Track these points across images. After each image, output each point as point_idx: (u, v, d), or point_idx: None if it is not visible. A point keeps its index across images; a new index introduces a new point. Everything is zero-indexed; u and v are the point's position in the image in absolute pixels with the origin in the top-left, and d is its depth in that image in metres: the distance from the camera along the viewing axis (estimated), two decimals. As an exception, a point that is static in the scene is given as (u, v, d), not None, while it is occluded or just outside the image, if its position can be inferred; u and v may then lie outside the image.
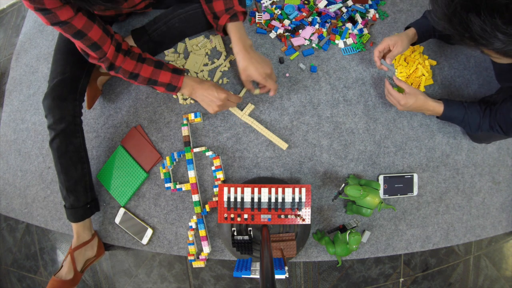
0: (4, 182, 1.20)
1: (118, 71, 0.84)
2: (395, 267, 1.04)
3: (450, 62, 1.08)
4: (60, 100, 0.87)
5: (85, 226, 0.97)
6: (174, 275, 1.05)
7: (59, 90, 0.88)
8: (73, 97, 0.90)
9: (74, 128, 0.91)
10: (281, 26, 1.07)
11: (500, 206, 1.07)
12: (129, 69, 0.84)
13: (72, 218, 0.95)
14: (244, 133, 1.03)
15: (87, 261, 0.97)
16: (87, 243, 0.97)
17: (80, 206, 0.94)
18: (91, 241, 0.99)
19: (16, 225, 1.22)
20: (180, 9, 0.98)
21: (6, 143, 1.22)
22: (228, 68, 1.06)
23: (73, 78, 0.90)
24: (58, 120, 0.87)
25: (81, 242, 0.96)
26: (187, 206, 1.02)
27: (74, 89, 0.90)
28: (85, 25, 0.72)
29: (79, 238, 0.96)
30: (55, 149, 0.89)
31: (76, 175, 0.92)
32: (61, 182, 0.92)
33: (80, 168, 0.93)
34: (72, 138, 0.90)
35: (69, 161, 0.91)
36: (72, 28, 0.71)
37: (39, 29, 1.29)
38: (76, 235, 0.96)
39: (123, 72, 0.84)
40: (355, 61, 1.07)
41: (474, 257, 1.09)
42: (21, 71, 1.27)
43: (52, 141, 0.89)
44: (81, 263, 0.95)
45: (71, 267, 0.92)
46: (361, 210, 0.90)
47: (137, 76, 0.86)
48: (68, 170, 0.91)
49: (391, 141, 1.03)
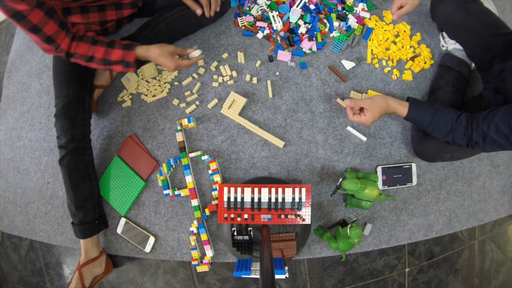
0: (5, 200, 1.20)
1: (75, 57, 0.85)
2: (400, 258, 1.04)
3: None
4: (71, 121, 0.92)
5: (93, 242, 0.98)
6: (179, 281, 1.06)
7: (68, 112, 0.92)
8: (82, 117, 0.95)
9: (84, 146, 0.95)
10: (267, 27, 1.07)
11: (501, 189, 1.07)
12: (83, 53, 0.85)
13: (81, 235, 0.96)
14: (239, 134, 1.03)
15: (95, 278, 0.98)
16: (95, 260, 0.98)
17: (89, 222, 0.96)
18: (99, 258, 0.99)
19: (19, 242, 1.22)
20: (165, 14, 0.98)
21: (4, 162, 1.22)
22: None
23: (78, 100, 0.94)
24: (70, 140, 0.92)
25: (89, 259, 0.96)
26: (187, 212, 1.02)
27: (82, 110, 0.95)
28: (41, 21, 0.74)
29: (87, 254, 0.97)
30: (65, 166, 0.93)
31: (85, 191, 0.95)
32: (70, 199, 0.94)
33: (89, 185, 0.96)
34: (81, 156, 0.95)
35: (79, 178, 0.94)
36: (29, 23, 0.73)
37: (28, 45, 1.30)
38: (84, 251, 0.97)
39: (79, 57, 0.85)
40: (344, 55, 1.07)
41: (478, 242, 1.09)
42: (13, 89, 1.27)
43: (62, 159, 0.92)
44: (89, 280, 0.95)
45: (79, 283, 0.92)
46: (360, 203, 0.90)
47: (92, 58, 0.86)
48: (78, 186, 0.94)
49: (386, 132, 1.03)
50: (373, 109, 0.85)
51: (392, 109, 0.86)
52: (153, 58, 0.89)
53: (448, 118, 0.79)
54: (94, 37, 0.86)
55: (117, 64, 0.88)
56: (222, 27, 1.10)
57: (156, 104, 1.07)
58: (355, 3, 1.10)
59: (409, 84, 1.06)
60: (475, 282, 1.08)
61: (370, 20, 1.08)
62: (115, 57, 0.87)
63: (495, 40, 0.81)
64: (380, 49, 1.06)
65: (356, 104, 0.88)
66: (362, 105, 0.87)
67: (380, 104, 0.85)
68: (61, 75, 0.95)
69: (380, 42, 1.06)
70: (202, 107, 1.05)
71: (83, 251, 0.97)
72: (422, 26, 1.10)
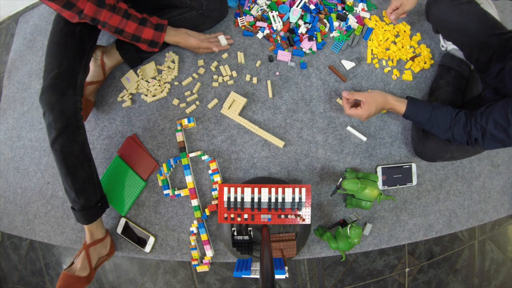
0: (5, 200, 1.20)
1: (104, 25, 0.85)
2: (400, 258, 1.04)
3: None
4: (59, 95, 0.81)
5: (98, 224, 0.94)
6: (179, 281, 1.06)
7: (58, 83, 0.82)
8: (72, 91, 0.84)
9: (76, 124, 0.84)
10: (267, 27, 1.07)
11: (501, 189, 1.07)
12: (114, 25, 0.85)
13: (84, 220, 0.90)
14: (239, 134, 1.03)
15: (99, 259, 0.95)
16: (101, 241, 0.95)
17: (91, 206, 0.90)
18: (105, 239, 0.97)
19: (19, 242, 1.22)
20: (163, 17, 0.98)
21: (4, 162, 1.22)
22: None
23: (71, 71, 0.85)
24: (58, 116, 0.80)
25: (95, 239, 0.93)
26: (187, 212, 1.02)
27: (74, 83, 0.85)
28: None
29: (93, 236, 0.93)
30: (58, 150, 0.82)
31: (84, 175, 0.87)
32: (68, 185, 0.86)
33: (87, 167, 0.88)
34: (76, 136, 0.84)
35: (76, 161, 0.85)
36: None
37: (28, 45, 1.30)
38: (89, 233, 0.92)
39: (109, 27, 0.86)
40: (344, 55, 1.07)
41: (478, 242, 1.09)
42: (13, 89, 1.27)
43: (54, 142, 0.82)
44: (95, 260, 0.92)
45: (86, 263, 0.88)
46: (360, 203, 0.90)
47: (122, 31, 0.87)
48: (76, 170, 0.85)
49: (386, 132, 1.03)
50: (369, 102, 0.85)
51: (390, 105, 0.86)
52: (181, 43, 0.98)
53: (447, 115, 0.79)
54: (127, 10, 0.87)
55: (145, 42, 0.91)
56: (222, 27, 1.10)
57: (156, 104, 1.07)
58: (355, 3, 1.10)
59: (409, 84, 1.06)
60: (475, 282, 1.08)
61: (370, 20, 1.08)
62: (145, 35, 0.89)
63: (491, 40, 0.80)
64: (380, 49, 1.06)
65: (353, 96, 0.89)
66: (359, 97, 0.87)
67: (377, 99, 0.85)
68: (56, 46, 0.87)
69: (380, 42, 1.06)
70: (202, 107, 1.05)
71: (88, 233, 0.92)
72: (422, 26, 1.10)
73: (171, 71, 1.07)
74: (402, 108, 0.84)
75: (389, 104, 0.85)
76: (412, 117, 0.85)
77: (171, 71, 1.07)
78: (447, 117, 0.79)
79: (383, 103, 0.85)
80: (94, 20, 0.83)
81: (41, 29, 1.29)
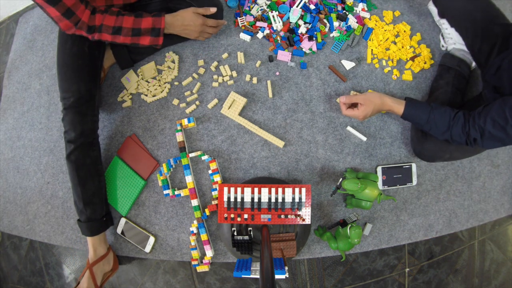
0: (5, 200, 1.20)
1: (100, 29, 0.84)
2: (400, 258, 1.04)
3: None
4: (81, 116, 0.91)
5: (101, 239, 0.97)
6: (179, 281, 1.06)
7: (78, 107, 0.91)
8: (92, 112, 0.94)
9: (92, 141, 0.95)
10: (267, 27, 1.07)
11: (501, 189, 1.07)
12: (110, 24, 0.84)
13: (89, 232, 0.94)
14: (239, 134, 1.03)
15: (104, 275, 0.96)
16: (104, 257, 0.97)
17: (97, 219, 0.95)
18: (108, 255, 0.98)
19: (19, 242, 1.22)
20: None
21: (4, 162, 1.22)
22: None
23: (89, 94, 0.93)
24: (79, 134, 0.90)
25: (98, 257, 0.95)
26: (187, 212, 1.02)
27: (92, 105, 0.94)
28: None
29: (96, 252, 0.95)
30: (73, 161, 0.91)
31: (93, 188, 0.94)
32: (78, 195, 0.93)
33: (97, 181, 0.95)
34: (90, 151, 0.94)
35: (87, 174, 0.93)
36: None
37: (28, 45, 1.30)
38: (93, 249, 0.95)
39: (106, 29, 0.85)
40: (344, 55, 1.07)
41: (478, 242, 1.09)
42: (13, 89, 1.27)
43: (70, 154, 0.91)
44: (100, 278, 0.94)
45: (91, 282, 0.91)
46: (360, 203, 0.90)
47: (120, 29, 0.86)
48: (86, 182, 0.93)
49: (386, 132, 1.03)
50: (366, 104, 0.86)
51: (387, 107, 0.86)
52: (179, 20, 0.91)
53: (445, 115, 0.79)
54: (120, 11, 0.87)
55: (147, 34, 0.88)
56: (222, 27, 1.10)
57: (156, 104, 1.07)
58: (355, 3, 1.10)
59: (409, 84, 1.06)
60: (475, 282, 1.08)
61: (370, 20, 1.08)
62: (145, 24, 0.87)
63: (495, 29, 0.80)
64: (380, 49, 1.06)
65: (350, 101, 0.89)
66: (357, 100, 0.88)
67: (374, 100, 0.85)
68: (70, 69, 0.92)
69: (380, 42, 1.06)
70: (202, 107, 1.05)
71: (91, 249, 0.95)
72: (422, 26, 1.10)
73: (171, 71, 1.08)
74: (400, 110, 0.84)
75: (387, 106, 0.86)
76: (410, 118, 0.85)
77: (171, 71, 1.08)
78: (445, 118, 0.79)
79: (380, 105, 0.86)
80: (91, 28, 0.83)
81: (41, 29, 1.29)
